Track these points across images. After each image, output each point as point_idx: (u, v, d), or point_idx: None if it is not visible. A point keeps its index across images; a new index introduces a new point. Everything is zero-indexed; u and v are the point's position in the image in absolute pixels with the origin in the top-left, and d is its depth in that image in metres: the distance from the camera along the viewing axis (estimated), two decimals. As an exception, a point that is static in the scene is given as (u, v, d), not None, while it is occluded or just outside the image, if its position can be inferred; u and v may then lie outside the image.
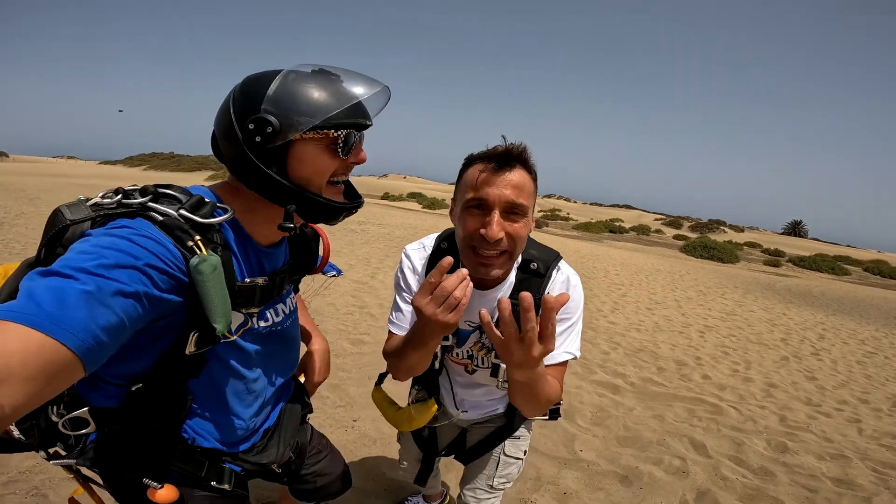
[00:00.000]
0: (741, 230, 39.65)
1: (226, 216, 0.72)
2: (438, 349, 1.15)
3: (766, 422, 3.16)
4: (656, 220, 40.36)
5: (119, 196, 0.68)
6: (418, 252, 1.15)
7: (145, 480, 0.77)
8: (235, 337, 0.78)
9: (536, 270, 1.05)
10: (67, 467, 0.83)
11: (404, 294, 1.13)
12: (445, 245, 1.11)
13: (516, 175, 0.93)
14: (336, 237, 8.78)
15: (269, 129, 0.69)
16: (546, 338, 0.75)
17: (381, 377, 1.34)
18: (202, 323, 0.69)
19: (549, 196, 75.98)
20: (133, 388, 0.73)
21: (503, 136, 0.96)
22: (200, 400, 0.80)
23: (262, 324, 0.86)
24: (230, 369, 0.81)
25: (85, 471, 0.85)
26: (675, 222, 36.89)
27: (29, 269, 0.63)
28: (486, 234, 0.92)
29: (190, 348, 0.71)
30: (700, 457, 2.57)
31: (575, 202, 70.54)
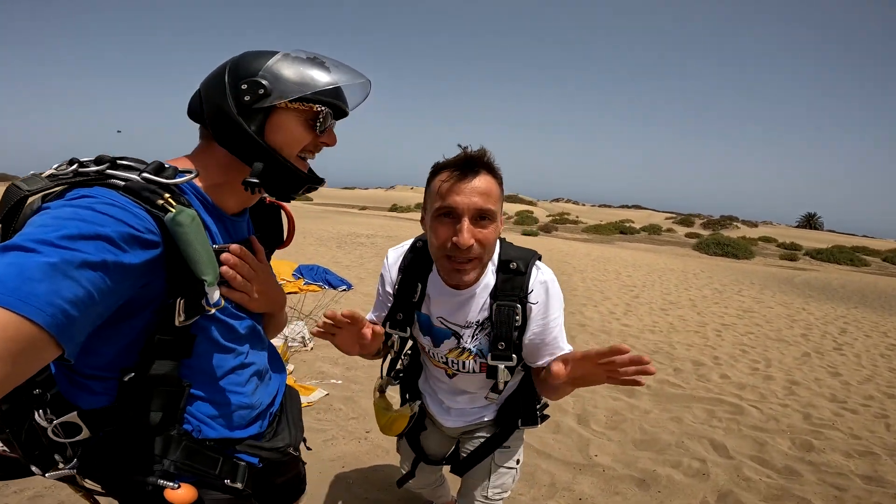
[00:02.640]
0: (755, 225, 38.92)
1: (190, 176, 0.71)
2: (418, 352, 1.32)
3: (789, 420, 3.07)
4: (667, 218, 39.83)
5: (75, 166, 0.65)
6: (394, 252, 1.22)
7: (160, 482, 0.72)
8: (214, 311, 0.75)
9: (517, 269, 1.08)
10: (68, 480, 0.78)
11: (379, 288, 1.24)
12: (420, 244, 1.17)
13: (482, 181, 0.95)
14: (345, 251, 8.85)
15: (262, 91, 0.74)
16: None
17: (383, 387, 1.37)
18: (186, 286, 0.68)
19: (556, 200, 75.64)
20: (125, 379, 0.70)
21: (460, 145, 0.98)
22: (198, 383, 0.78)
23: None
24: (220, 346, 0.79)
25: (88, 483, 0.79)
26: (686, 220, 36.38)
27: None
28: (458, 241, 0.94)
29: (179, 318, 0.69)
30: (721, 458, 2.51)
31: (583, 205, 70.01)
